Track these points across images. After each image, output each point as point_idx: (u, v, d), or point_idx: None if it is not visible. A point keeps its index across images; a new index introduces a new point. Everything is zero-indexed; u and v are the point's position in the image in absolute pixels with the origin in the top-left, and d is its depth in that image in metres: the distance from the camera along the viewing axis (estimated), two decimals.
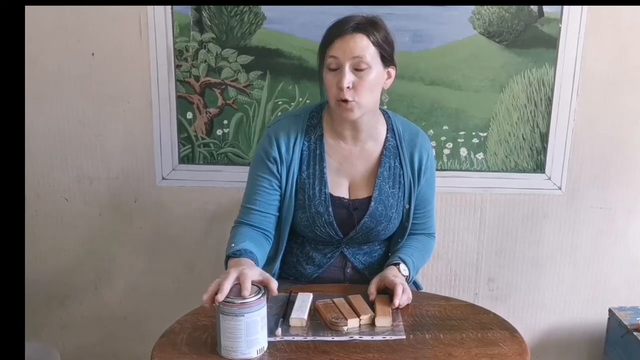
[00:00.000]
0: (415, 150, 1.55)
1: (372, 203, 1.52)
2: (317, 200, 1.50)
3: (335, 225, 1.51)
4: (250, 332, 1.16)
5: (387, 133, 1.55)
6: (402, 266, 1.50)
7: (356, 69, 1.40)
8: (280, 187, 1.52)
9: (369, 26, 1.41)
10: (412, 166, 1.55)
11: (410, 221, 1.59)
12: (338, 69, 1.41)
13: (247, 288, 1.19)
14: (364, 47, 1.39)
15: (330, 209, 1.50)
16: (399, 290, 1.37)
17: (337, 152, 1.53)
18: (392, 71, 1.49)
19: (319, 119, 1.53)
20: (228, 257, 1.38)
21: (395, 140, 1.55)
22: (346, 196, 1.53)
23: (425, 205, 1.61)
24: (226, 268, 1.35)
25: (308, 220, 1.51)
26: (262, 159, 1.52)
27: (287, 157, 1.50)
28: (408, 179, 1.55)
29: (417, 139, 1.57)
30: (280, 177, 1.51)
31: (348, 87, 1.40)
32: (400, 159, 1.55)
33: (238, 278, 1.21)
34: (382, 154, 1.54)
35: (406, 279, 1.49)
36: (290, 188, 1.51)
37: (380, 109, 1.57)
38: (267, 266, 1.57)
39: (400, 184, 1.54)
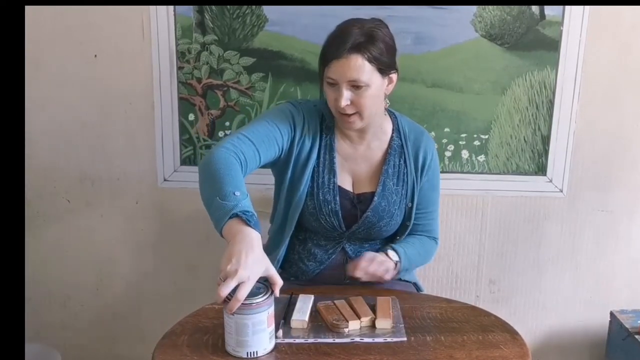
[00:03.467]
0: (420, 149, 1.59)
1: (376, 198, 1.54)
2: (325, 188, 1.53)
3: (340, 215, 1.53)
4: (240, 332, 1.16)
5: (392, 132, 1.59)
6: (391, 252, 1.52)
7: (353, 86, 1.42)
8: (282, 149, 1.50)
9: (366, 42, 1.40)
10: (416, 164, 1.58)
11: (412, 221, 1.60)
12: (336, 85, 1.43)
13: (241, 298, 1.13)
14: (359, 67, 1.40)
15: (337, 198, 1.53)
16: (365, 256, 1.44)
17: (344, 148, 1.57)
18: (394, 76, 1.50)
19: (328, 111, 1.56)
20: (234, 214, 1.21)
21: (401, 140, 1.59)
22: (350, 189, 1.57)
23: (427, 206, 1.63)
24: (224, 218, 1.21)
25: (315, 207, 1.53)
26: (286, 116, 1.51)
27: (308, 144, 1.52)
28: (411, 177, 1.58)
29: (422, 137, 1.60)
30: (290, 146, 1.51)
31: (347, 104, 1.43)
32: (405, 158, 1.58)
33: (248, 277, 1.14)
34: (387, 152, 1.57)
35: (396, 266, 1.51)
36: (307, 176, 1.53)
37: (386, 109, 1.60)
38: (270, 254, 1.57)
39: (404, 181, 1.58)
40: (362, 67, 1.40)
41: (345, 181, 1.57)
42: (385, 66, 1.44)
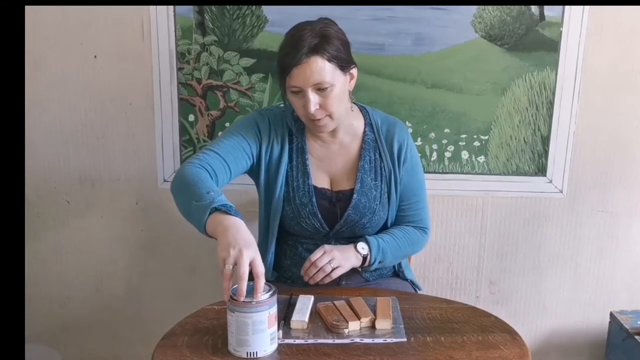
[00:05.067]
0: (394, 139, 1.57)
1: (355, 195, 1.54)
2: (301, 191, 1.53)
3: (320, 216, 1.53)
4: (240, 331, 1.17)
5: (365, 127, 1.58)
6: (361, 244, 1.50)
7: (319, 89, 1.41)
8: (252, 157, 1.52)
9: (322, 42, 1.40)
10: (392, 156, 1.57)
11: (396, 213, 1.60)
12: (301, 92, 1.42)
13: (262, 271, 1.18)
14: (321, 69, 1.39)
15: (314, 199, 1.53)
16: (316, 251, 1.42)
17: (316, 150, 1.57)
18: (354, 71, 1.50)
19: (296, 117, 1.55)
20: (218, 208, 1.25)
21: (374, 134, 1.58)
22: (328, 188, 1.56)
23: (411, 197, 1.60)
24: (207, 215, 1.25)
25: (293, 212, 1.54)
26: (251, 125, 1.53)
27: (277, 150, 1.54)
28: (389, 170, 1.57)
29: (394, 129, 1.59)
30: (259, 153, 1.53)
31: (316, 109, 1.42)
32: (379, 151, 1.57)
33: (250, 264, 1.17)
34: (361, 147, 1.57)
35: (365, 259, 1.49)
36: (281, 181, 1.54)
37: (357, 104, 1.60)
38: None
39: (382, 175, 1.57)
40: (323, 68, 1.39)
41: (322, 181, 1.56)
42: (345, 62, 1.44)
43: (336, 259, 1.45)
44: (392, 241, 1.55)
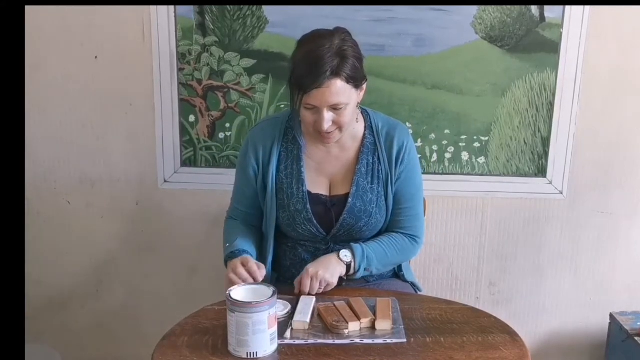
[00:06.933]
0: (394, 142, 1.57)
1: (350, 199, 1.53)
2: (295, 198, 1.53)
3: (315, 221, 1.53)
4: (240, 332, 1.17)
5: (365, 130, 1.58)
6: (344, 252, 1.50)
7: (334, 108, 1.42)
8: (258, 183, 1.60)
9: (341, 63, 1.39)
10: (390, 156, 1.56)
11: (390, 217, 1.59)
12: (315, 109, 1.43)
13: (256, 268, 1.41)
14: (339, 91, 1.40)
15: (309, 206, 1.53)
16: (303, 279, 1.44)
17: (315, 153, 1.57)
18: (365, 84, 1.50)
19: (297, 121, 1.55)
20: (227, 259, 1.51)
21: (373, 137, 1.57)
22: (325, 193, 1.56)
23: (404, 202, 1.58)
24: (227, 267, 1.49)
25: (289, 218, 1.54)
26: (243, 167, 1.59)
27: (265, 160, 1.56)
28: (385, 172, 1.56)
29: (394, 131, 1.58)
30: (261, 181, 1.58)
31: (329, 125, 1.44)
32: (378, 154, 1.56)
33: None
34: (359, 150, 1.56)
35: (348, 267, 1.49)
36: (271, 188, 1.55)
37: (360, 108, 1.58)
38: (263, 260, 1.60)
39: (379, 179, 1.56)
40: (342, 90, 1.40)
41: (321, 185, 1.56)
42: (360, 81, 1.45)
43: (323, 279, 1.45)
44: (378, 248, 1.54)
